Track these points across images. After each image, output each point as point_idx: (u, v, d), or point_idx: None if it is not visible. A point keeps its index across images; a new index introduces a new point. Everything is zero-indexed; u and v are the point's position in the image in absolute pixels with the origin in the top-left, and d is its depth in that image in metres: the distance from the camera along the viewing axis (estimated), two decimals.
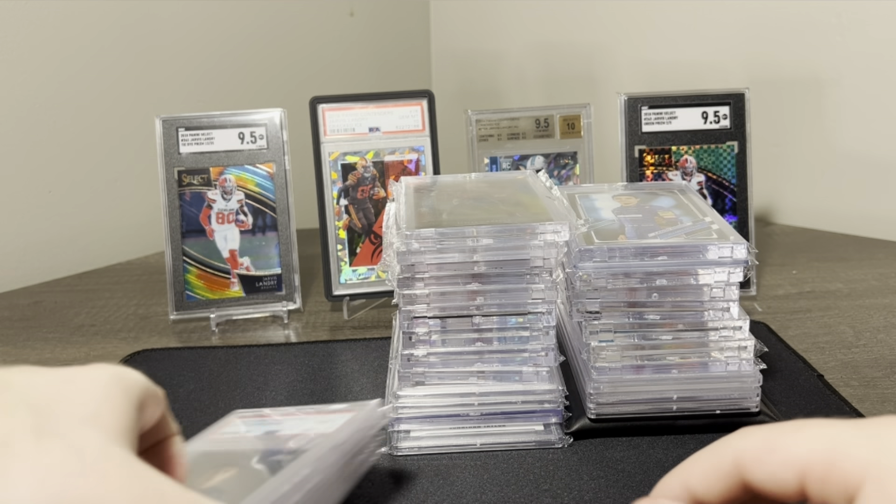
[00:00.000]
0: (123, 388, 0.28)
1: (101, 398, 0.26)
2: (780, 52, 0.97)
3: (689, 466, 0.28)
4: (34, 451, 0.23)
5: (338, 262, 0.72)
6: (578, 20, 1.15)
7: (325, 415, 0.39)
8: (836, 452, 0.25)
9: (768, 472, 0.26)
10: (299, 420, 0.39)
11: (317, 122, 0.72)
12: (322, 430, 0.38)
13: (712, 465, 0.27)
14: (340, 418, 0.39)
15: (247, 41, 1.07)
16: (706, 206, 0.57)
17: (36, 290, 0.81)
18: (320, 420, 0.38)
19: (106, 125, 0.92)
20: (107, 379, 0.27)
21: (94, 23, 0.90)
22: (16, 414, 0.24)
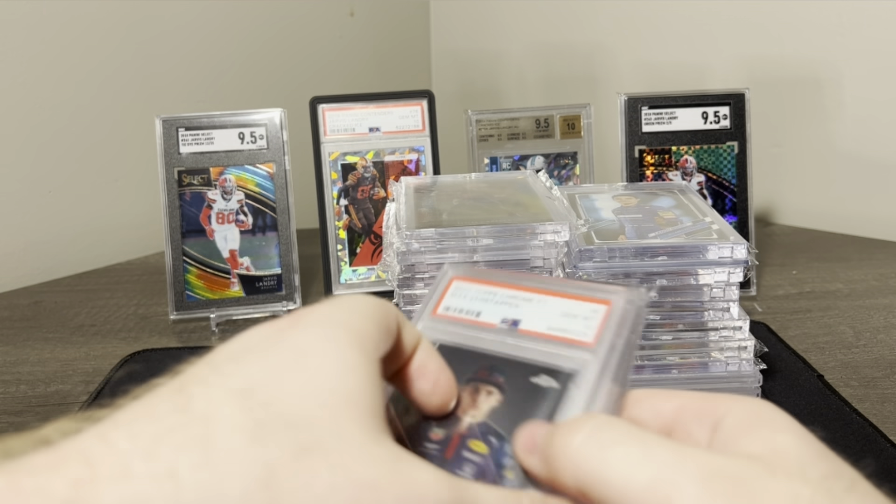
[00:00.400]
0: (360, 349, 0.24)
1: (341, 376, 0.23)
2: (780, 53, 0.97)
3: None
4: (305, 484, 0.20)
5: (338, 263, 0.72)
6: (578, 20, 1.15)
7: (568, 300, 0.33)
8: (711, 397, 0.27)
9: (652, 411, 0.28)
10: (539, 306, 0.33)
11: (317, 122, 0.72)
12: (572, 332, 0.31)
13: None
14: (592, 315, 0.32)
15: (247, 41, 1.07)
16: (706, 207, 0.57)
17: (36, 290, 0.81)
18: (565, 311, 0.32)
19: (106, 125, 0.92)
20: (339, 349, 0.23)
21: (95, 23, 0.90)
22: (269, 441, 0.21)
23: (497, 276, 0.35)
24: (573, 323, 0.32)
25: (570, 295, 0.33)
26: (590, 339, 0.31)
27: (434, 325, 0.33)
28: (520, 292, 0.33)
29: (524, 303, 0.33)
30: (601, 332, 0.31)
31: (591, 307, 0.32)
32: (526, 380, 0.30)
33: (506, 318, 0.33)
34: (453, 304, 0.34)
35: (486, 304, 0.33)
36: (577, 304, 0.32)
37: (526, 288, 0.34)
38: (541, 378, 0.30)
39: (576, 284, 0.33)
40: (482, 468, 0.29)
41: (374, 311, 0.26)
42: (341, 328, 0.24)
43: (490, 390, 0.30)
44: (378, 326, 0.25)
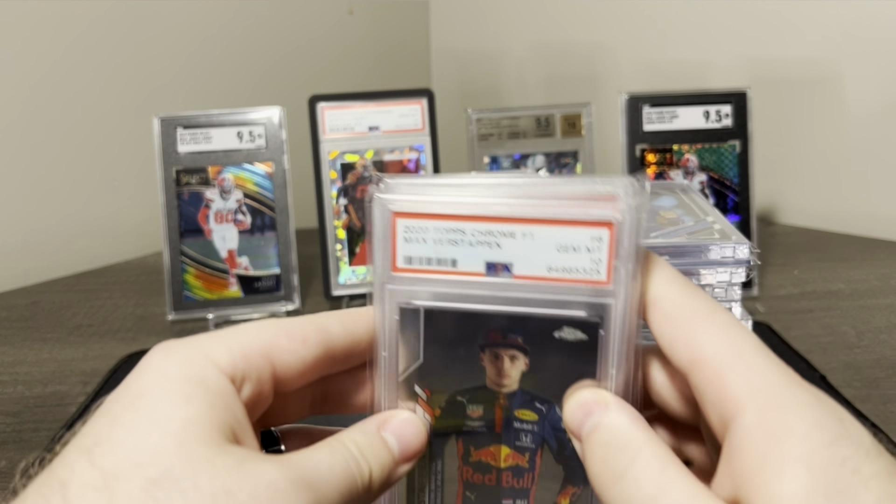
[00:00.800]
0: (195, 376, 0.24)
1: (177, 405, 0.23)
2: (782, 51, 0.97)
3: None
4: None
5: (336, 262, 0.72)
6: (579, 19, 1.15)
7: (559, 228, 0.26)
8: (733, 368, 0.23)
9: (671, 337, 0.25)
10: (527, 242, 0.27)
11: (316, 120, 0.71)
12: (579, 271, 0.26)
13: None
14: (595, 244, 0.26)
15: (246, 39, 1.06)
16: (708, 206, 0.57)
17: (33, 290, 0.81)
18: (561, 243, 0.26)
19: (103, 124, 0.92)
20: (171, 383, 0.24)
21: (93, 23, 0.89)
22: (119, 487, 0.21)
23: (449, 202, 0.27)
24: (576, 258, 0.27)
25: (560, 220, 0.27)
26: (603, 277, 0.26)
27: (402, 286, 0.28)
28: (494, 225, 0.27)
29: (506, 239, 0.27)
30: (613, 266, 0.26)
31: (591, 234, 0.26)
32: (548, 336, 0.27)
33: (491, 262, 0.27)
34: (415, 254, 0.28)
35: (458, 247, 0.27)
36: (573, 232, 0.26)
37: (498, 218, 0.27)
38: (564, 331, 0.27)
39: (557, 200, 0.27)
40: (540, 435, 0.28)
41: (233, 338, 0.26)
42: (174, 363, 0.24)
43: (513, 355, 0.28)
44: (237, 348, 0.25)
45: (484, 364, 0.28)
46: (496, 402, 0.28)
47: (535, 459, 0.29)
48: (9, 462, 0.49)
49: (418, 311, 0.28)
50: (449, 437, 0.29)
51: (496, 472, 0.29)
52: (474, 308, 0.27)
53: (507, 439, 0.28)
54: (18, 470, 0.25)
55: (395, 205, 0.27)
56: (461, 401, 0.28)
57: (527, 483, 0.29)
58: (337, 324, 0.28)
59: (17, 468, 0.25)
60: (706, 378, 0.24)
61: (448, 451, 0.29)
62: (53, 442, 0.34)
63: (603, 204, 0.26)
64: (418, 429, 0.28)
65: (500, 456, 0.29)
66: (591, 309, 0.27)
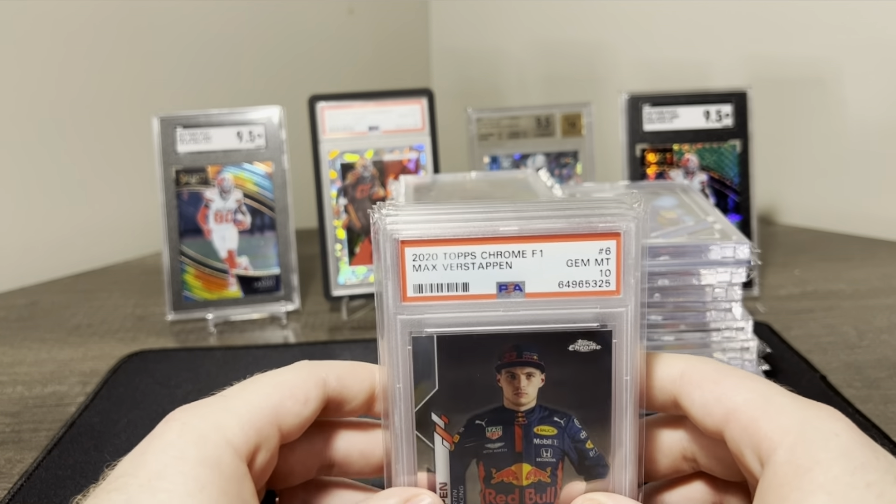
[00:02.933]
0: (212, 460, 0.24)
1: (191, 493, 0.23)
2: (782, 51, 0.96)
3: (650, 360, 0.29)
4: None
5: (336, 262, 0.72)
6: (579, 18, 1.15)
7: (567, 244, 0.27)
8: (765, 412, 0.25)
9: (703, 400, 0.27)
10: (537, 260, 0.27)
11: (315, 120, 0.71)
12: (590, 283, 0.27)
13: (665, 367, 0.28)
14: (603, 256, 0.27)
15: (246, 39, 1.06)
16: (709, 206, 0.57)
17: (33, 290, 0.81)
18: (570, 258, 0.27)
19: (103, 124, 0.92)
20: (187, 467, 0.24)
21: (92, 22, 0.89)
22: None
23: (457, 224, 0.27)
24: (585, 272, 0.27)
25: (567, 236, 0.27)
26: (612, 287, 0.27)
27: (413, 315, 0.27)
28: (503, 246, 0.27)
29: (516, 259, 0.27)
30: (622, 275, 0.27)
31: (599, 246, 0.27)
32: (563, 350, 0.27)
33: (503, 283, 0.27)
34: (425, 281, 0.27)
35: (469, 271, 0.27)
36: (581, 247, 0.27)
37: (507, 238, 0.27)
38: (578, 344, 0.27)
39: (563, 215, 0.27)
40: (560, 449, 0.28)
41: (244, 409, 0.26)
42: (191, 444, 0.25)
43: (529, 372, 0.28)
44: (249, 422, 0.26)
45: (500, 384, 0.28)
46: (515, 421, 0.28)
47: (556, 473, 0.29)
48: (7, 462, 0.49)
49: (431, 339, 0.28)
50: (469, 463, 0.29)
51: (518, 490, 0.29)
52: (488, 330, 0.27)
53: (527, 457, 0.28)
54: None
55: (403, 234, 0.27)
56: (480, 423, 0.28)
57: (549, 498, 0.29)
58: (332, 377, 0.29)
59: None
60: (741, 427, 0.25)
61: (469, 476, 0.29)
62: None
63: (608, 213, 0.27)
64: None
65: (522, 474, 0.29)
66: (603, 319, 0.27)
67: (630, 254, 0.27)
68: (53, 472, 0.46)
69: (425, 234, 0.27)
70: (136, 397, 0.56)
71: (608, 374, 0.27)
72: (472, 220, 0.27)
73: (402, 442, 0.28)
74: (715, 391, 0.26)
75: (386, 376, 0.28)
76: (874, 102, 0.91)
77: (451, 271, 0.27)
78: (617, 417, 0.28)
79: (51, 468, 0.47)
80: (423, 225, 0.27)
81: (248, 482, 0.25)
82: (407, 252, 0.27)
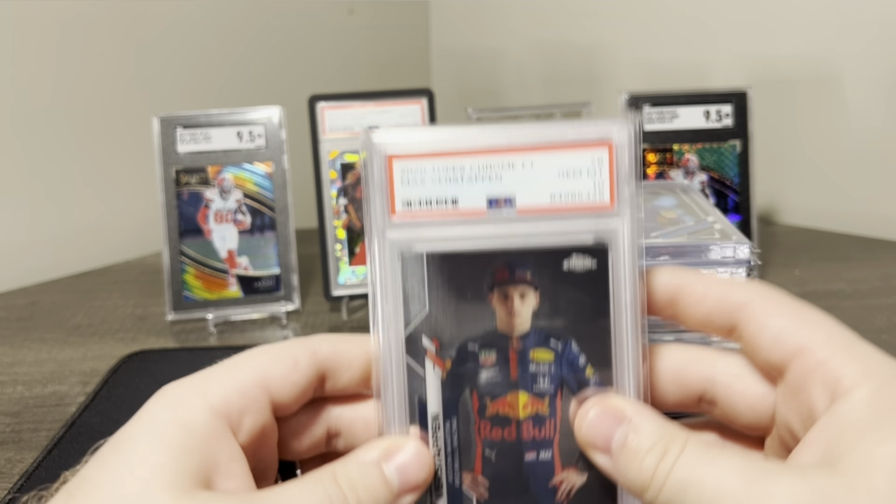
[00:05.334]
0: (181, 419, 0.25)
1: (154, 450, 0.24)
2: (782, 50, 0.96)
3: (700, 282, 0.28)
4: None
5: (336, 262, 0.72)
6: (579, 18, 1.15)
7: (558, 153, 0.26)
8: (848, 350, 0.25)
9: (778, 327, 0.26)
10: (527, 171, 0.26)
11: (315, 120, 0.71)
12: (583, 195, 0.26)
13: (720, 294, 0.27)
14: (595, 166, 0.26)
15: (245, 39, 1.06)
16: (709, 206, 0.56)
17: (33, 290, 0.81)
18: (561, 169, 0.26)
19: (103, 124, 0.92)
20: (156, 426, 0.25)
21: (92, 22, 0.89)
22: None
23: (446, 139, 0.27)
24: (577, 183, 0.26)
25: (558, 145, 0.26)
26: (606, 200, 0.26)
27: (401, 233, 0.27)
28: (493, 157, 0.26)
29: (506, 171, 0.26)
30: (615, 187, 0.26)
31: (591, 155, 0.26)
32: (557, 268, 0.26)
33: (493, 196, 0.26)
34: (414, 196, 0.27)
35: (458, 184, 0.26)
36: (573, 156, 0.26)
37: (497, 150, 0.26)
38: (573, 261, 0.26)
39: (552, 128, 0.26)
40: (558, 376, 0.27)
41: (229, 373, 0.26)
42: (166, 406, 0.25)
43: (522, 292, 0.27)
44: (233, 384, 0.26)
45: (493, 306, 0.27)
46: (509, 346, 0.27)
47: (555, 404, 0.27)
48: (7, 462, 0.49)
49: (421, 258, 0.27)
50: (462, 391, 0.27)
51: (516, 423, 0.28)
52: (479, 247, 0.26)
53: (524, 384, 0.27)
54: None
55: (392, 147, 0.26)
56: (473, 348, 0.27)
57: (549, 432, 0.28)
58: (326, 344, 0.28)
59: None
60: (817, 360, 0.25)
61: (462, 408, 0.28)
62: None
63: (598, 124, 0.26)
64: (425, 461, 0.27)
65: (519, 405, 0.27)
66: (597, 234, 0.26)
67: (623, 165, 0.26)
68: (53, 472, 0.46)
69: (413, 147, 0.26)
70: (136, 397, 0.56)
71: (606, 293, 0.26)
72: (461, 134, 0.27)
73: (391, 369, 0.27)
74: (795, 321, 0.26)
75: (374, 300, 0.27)
76: (874, 102, 0.91)
77: (439, 185, 0.27)
78: (617, 341, 0.27)
79: (51, 468, 0.47)
80: (411, 139, 0.27)
81: (228, 442, 0.25)
82: (395, 166, 0.27)
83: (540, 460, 0.28)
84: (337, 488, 0.25)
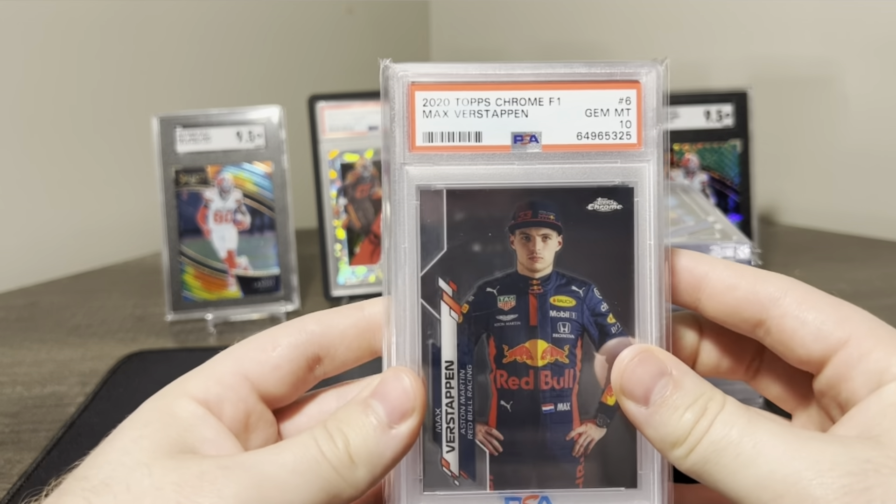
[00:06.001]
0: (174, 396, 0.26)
1: (147, 423, 0.25)
2: (783, 50, 0.96)
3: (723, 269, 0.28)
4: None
5: (336, 263, 0.71)
6: (579, 18, 1.15)
7: (586, 91, 0.25)
8: (886, 341, 0.25)
9: (819, 321, 0.26)
10: (554, 108, 0.25)
11: (315, 120, 0.71)
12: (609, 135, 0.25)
13: (750, 285, 0.27)
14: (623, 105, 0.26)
15: (245, 39, 1.06)
16: (709, 206, 0.56)
17: (32, 290, 0.81)
18: (589, 106, 0.25)
19: (102, 124, 0.92)
20: (155, 406, 0.26)
21: (92, 22, 0.89)
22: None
23: (472, 71, 0.26)
24: (605, 122, 0.25)
25: (586, 83, 0.25)
26: (633, 140, 0.25)
27: (422, 166, 0.26)
28: (520, 92, 0.26)
29: (532, 106, 0.26)
30: (643, 128, 0.25)
31: (619, 95, 0.25)
32: (581, 209, 0.25)
33: (518, 133, 0.25)
34: (436, 129, 0.26)
35: (482, 118, 0.26)
36: (601, 95, 0.25)
37: (524, 84, 0.26)
38: (598, 203, 0.25)
39: (581, 65, 0.26)
40: (579, 323, 0.26)
41: (210, 366, 0.27)
42: (152, 399, 0.26)
43: (545, 234, 0.26)
44: (211, 375, 0.27)
45: (514, 247, 0.26)
46: (529, 290, 0.26)
47: (574, 353, 0.26)
48: (7, 462, 0.48)
49: (440, 194, 0.26)
50: (479, 337, 0.26)
51: (533, 372, 0.26)
52: (501, 185, 0.25)
53: (543, 331, 0.26)
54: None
55: (415, 76, 0.26)
56: (491, 292, 0.26)
57: (568, 382, 0.26)
58: (312, 321, 0.27)
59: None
60: (861, 351, 0.25)
61: (478, 355, 0.26)
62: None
63: (627, 65, 0.25)
64: (410, 388, 0.25)
65: (537, 352, 0.26)
66: (624, 174, 0.25)
67: (651, 105, 0.25)
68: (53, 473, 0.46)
69: (438, 77, 0.26)
70: (135, 398, 0.55)
71: (630, 237, 0.25)
72: (487, 68, 0.26)
73: (405, 312, 0.26)
74: (836, 315, 0.26)
75: (389, 237, 0.26)
76: (875, 102, 0.91)
77: (463, 118, 0.26)
78: (640, 287, 0.26)
79: (50, 469, 0.46)
80: (435, 70, 0.26)
81: (208, 425, 0.25)
82: (417, 96, 0.26)
83: (558, 411, 0.27)
84: (323, 431, 0.24)
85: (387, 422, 0.24)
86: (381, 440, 0.24)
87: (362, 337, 0.28)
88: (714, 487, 0.23)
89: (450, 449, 0.26)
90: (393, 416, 0.25)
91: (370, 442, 0.24)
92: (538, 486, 0.26)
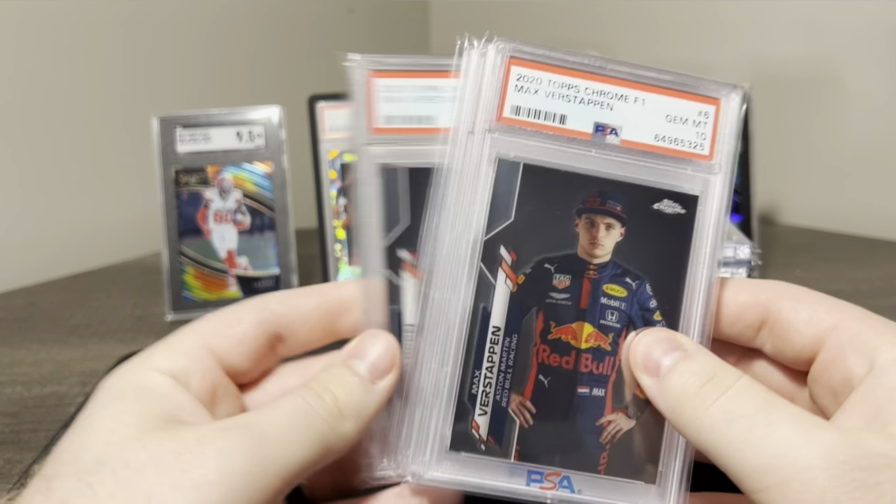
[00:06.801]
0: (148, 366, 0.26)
1: (124, 397, 0.25)
2: (783, 50, 0.96)
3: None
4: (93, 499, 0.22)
5: (336, 263, 0.71)
6: (579, 19, 1.15)
7: (670, 98, 0.27)
8: (877, 322, 0.26)
9: (810, 311, 0.27)
10: (638, 107, 0.27)
11: (315, 120, 0.71)
12: (684, 143, 0.27)
13: (750, 291, 0.28)
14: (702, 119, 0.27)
15: (245, 38, 1.06)
16: None
17: (32, 290, 0.81)
18: (670, 113, 0.27)
19: (102, 124, 0.92)
20: (125, 379, 0.26)
21: (92, 22, 0.89)
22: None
23: (567, 58, 0.27)
24: (682, 130, 0.27)
25: (671, 90, 0.27)
26: (706, 152, 0.27)
27: (505, 137, 0.26)
28: (609, 86, 0.27)
29: (618, 102, 0.27)
30: (716, 143, 0.27)
31: (699, 108, 0.27)
32: (647, 207, 0.27)
33: (601, 123, 0.27)
34: (524, 104, 0.27)
35: (569, 103, 0.27)
36: (682, 104, 0.27)
37: (614, 79, 0.27)
38: (664, 204, 0.27)
39: (672, 73, 0.28)
40: (627, 314, 0.27)
41: (174, 340, 0.28)
42: (117, 377, 0.26)
43: (609, 223, 0.27)
44: (176, 348, 0.27)
45: (578, 230, 0.27)
46: (585, 274, 0.27)
47: (618, 342, 0.27)
48: (6, 462, 0.48)
49: (517, 165, 0.26)
50: (529, 310, 0.27)
51: (575, 353, 0.27)
52: (577, 168, 0.26)
53: (591, 316, 0.27)
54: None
55: (514, 52, 0.27)
56: (548, 268, 0.27)
57: (606, 369, 0.27)
58: (274, 300, 0.29)
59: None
60: (851, 333, 0.25)
61: (525, 327, 0.27)
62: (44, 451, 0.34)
63: (711, 84, 0.27)
64: (383, 342, 0.26)
65: (582, 335, 0.27)
66: (690, 182, 0.27)
67: (727, 124, 0.27)
68: None
69: (534, 56, 0.27)
70: None
71: (688, 241, 0.27)
72: (581, 57, 0.27)
73: (464, 270, 0.26)
74: (827, 303, 0.27)
75: (455, 197, 0.26)
76: (875, 102, 0.91)
77: (552, 100, 0.27)
78: (690, 290, 0.27)
79: None
80: (536, 49, 0.27)
81: (181, 395, 0.26)
82: (513, 70, 0.27)
83: (592, 395, 0.27)
84: (310, 391, 0.25)
85: (369, 378, 0.26)
86: (366, 394, 0.25)
87: (325, 319, 0.29)
88: (719, 463, 0.23)
89: (482, 412, 0.27)
90: (374, 373, 0.26)
91: (356, 396, 0.25)
92: (561, 466, 0.26)
